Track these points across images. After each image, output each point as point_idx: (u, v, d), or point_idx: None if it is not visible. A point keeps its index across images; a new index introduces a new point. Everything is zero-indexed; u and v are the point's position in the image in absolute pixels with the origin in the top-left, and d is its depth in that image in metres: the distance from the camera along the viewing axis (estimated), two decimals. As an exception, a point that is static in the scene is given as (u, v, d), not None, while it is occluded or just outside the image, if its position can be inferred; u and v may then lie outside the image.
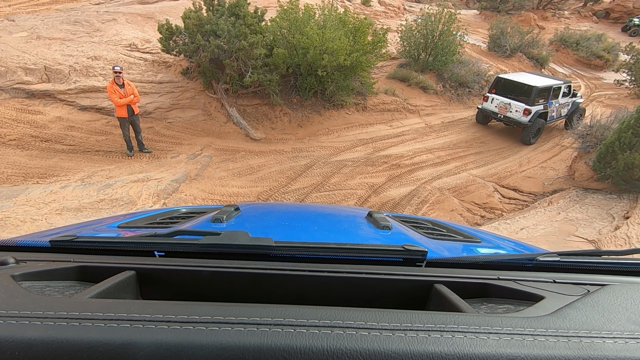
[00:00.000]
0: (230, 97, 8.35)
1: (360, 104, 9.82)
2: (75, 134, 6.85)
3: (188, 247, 0.83)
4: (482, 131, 10.47)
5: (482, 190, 7.63)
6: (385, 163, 8.13)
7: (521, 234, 5.55)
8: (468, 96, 11.98)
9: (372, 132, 9.31)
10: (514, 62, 16.13)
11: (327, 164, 7.72)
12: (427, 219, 1.78)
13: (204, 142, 7.58)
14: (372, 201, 6.92)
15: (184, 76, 8.54)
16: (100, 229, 1.28)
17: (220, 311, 0.51)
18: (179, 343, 0.44)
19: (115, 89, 5.95)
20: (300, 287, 0.73)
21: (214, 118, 8.22)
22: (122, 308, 0.51)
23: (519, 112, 9.50)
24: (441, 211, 6.88)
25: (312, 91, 8.97)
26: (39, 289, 0.63)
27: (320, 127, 8.93)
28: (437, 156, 8.81)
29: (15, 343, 0.43)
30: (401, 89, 11.04)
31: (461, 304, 0.62)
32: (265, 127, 8.47)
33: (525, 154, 9.47)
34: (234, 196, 6.41)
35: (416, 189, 7.45)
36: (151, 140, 7.27)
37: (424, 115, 10.70)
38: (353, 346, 0.45)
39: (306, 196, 6.70)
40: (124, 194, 5.19)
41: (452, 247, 1.23)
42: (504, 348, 0.45)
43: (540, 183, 7.93)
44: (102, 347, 0.43)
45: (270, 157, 7.66)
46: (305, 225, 1.42)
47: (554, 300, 0.63)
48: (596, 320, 0.53)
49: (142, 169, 6.30)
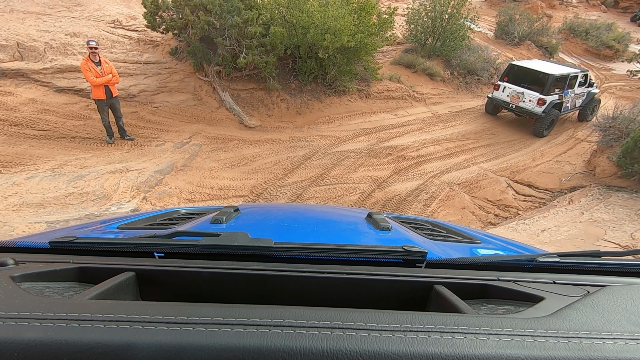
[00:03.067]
0: (223, 80, 7.66)
1: (363, 91, 9.15)
2: (50, 118, 6.17)
3: (188, 248, 0.82)
4: (492, 122, 9.86)
5: (495, 186, 7.06)
6: (390, 155, 7.53)
7: (543, 237, 5.00)
8: (477, 84, 11.33)
9: (375, 121, 8.68)
10: (522, 51, 15.44)
11: (328, 154, 7.11)
12: (427, 220, 1.77)
13: (193, 129, 6.93)
14: (376, 196, 6.33)
15: (172, 57, 7.82)
16: (100, 230, 1.27)
17: (219, 312, 0.51)
18: (178, 344, 0.44)
19: (90, 67, 5.26)
20: (300, 288, 0.72)
21: (205, 103, 7.54)
22: (122, 309, 0.50)
23: (533, 102, 8.89)
24: (451, 208, 6.32)
25: (312, 76, 8.29)
26: (39, 290, 0.63)
27: (320, 114, 8.28)
28: (445, 148, 8.22)
29: (14, 344, 0.43)
30: (407, 75, 10.37)
31: (461, 305, 0.62)
32: (260, 113, 7.81)
33: (538, 146, 8.90)
34: (224, 189, 5.80)
35: (424, 183, 6.87)
36: (134, 127, 6.60)
37: (431, 104, 10.05)
38: (353, 347, 0.44)
39: (304, 190, 6.10)
40: (97, 187, 4.56)
41: (451, 248, 1.22)
42: (504, 349, 0.45)
43: (557, 179, 7.37)
44: (101, 348, 0.43)
45: (266, 147, 7.02)
46: (305, 226, 1.40)
47: (554, 301, 0.63)
48: (596, 321, 0.53)
49: (122, 158, 5.65)
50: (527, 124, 9.70)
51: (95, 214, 4.05)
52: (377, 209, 6.11)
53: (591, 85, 10.02)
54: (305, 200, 5.92)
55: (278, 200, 5.82)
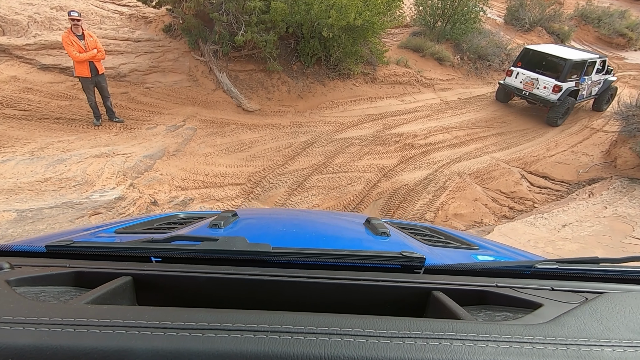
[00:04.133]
0: (220, 60, 7.17)
1: (369, 75, 8.66)
2: (33, 98, 5.73)
3: (185, 252, 0.82)
4: (503, 110, 9.39)
5: (508, 177, 6.65)
6: (396, 142, 7.09)
7: (564, 233, 4.61)
8: (487, 70, 10.82)
9: (381, 106, 8.21)
10: (532, 37, 14.82)
11: (331, 141, 6.67)
12: (425, 226, 1.76)
13: (188, 112, 6.47)
14: (383, 186, 5.92)
15: (166, 34, 7.32)
16: (97, 234, 1.25)
17: (217, 317, 0.50)
18: (175, 350, 0.44)
19: (72, 40, 4.79)
20: (298, 294, 0.72)
21: (201, 84, 7.07)
22: (118, 314, 0.50)
23: (548, 89, 8.40)
24: (463, 200, 5.91)
25: (315, 57, 7.79)
26: (34, 295, 0.62)
27: (323, 99, 7.81)
28: (455, 136, 7.77)
29: (8, 349, 0.43)
30: (414, 59, 9.85)
31: (459, 311, 0.62)
32: (260, 97, 7.34)
33: (552, 136, 8.45)
34: (220, 177, 5.39)
35: (433, 173, 6.45)
36: (124, 108, 6.16)
37: (439, 90, 9.57)
38: (350, 353, 0.44)
39: (306, 179, 5.69)
40: (78, 172, 4.15)
41: (450, 254, 1.21)
42: (502, 356, 0.45)
43: (574, 170, 6.95)
44: (97, 353, 0.43)
45: (265, 132, 6.58)
46: (303, 232, 1.39)
47: (552, 307, 0.62)
48: (594, 328, 0.53)
49: (109, 142, 5.22)
50: (540, 112, 9.24)
51: (74, 202, 3.64)
52: (383, 200, 5.72)
53: (609, 72, 9.51)
54: (306, 190, 5.52)
55: (277, 190, 5.42)
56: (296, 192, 5.45)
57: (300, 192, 5.47)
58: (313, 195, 5.47)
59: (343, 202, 5.50)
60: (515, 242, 4.48)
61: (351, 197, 5.60)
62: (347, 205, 5.46)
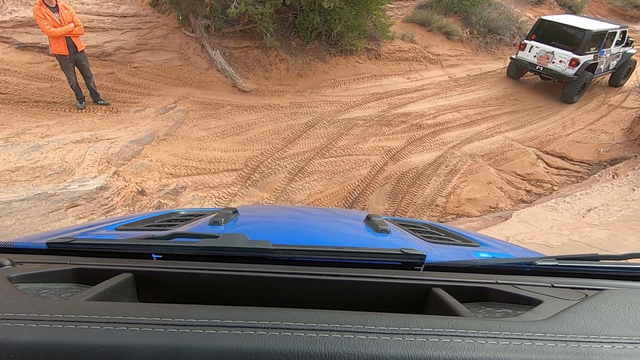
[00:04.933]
0: (213, 36, 6.66)
1: (372, 51, 8.12)
2: (10, 80, 5.28)
3: (186, 249, 0.81)
4: (515, 87, 8.87)
5: (523, 158, 6.22)
6: (403, 123, 6.64)
7: (590, 218, 4.22)
8: (498, 45, 10.22)
9: (386, 85, 7.71)
10: (543, 10, 14.08)
11: (333, 122, 6.23)
12: (425, 223, 1.74)
13: (179, 93, 6.02)
14: (390, 170, 5.52)
15: (153, 8, 6.79)
16: (98, 231, 1.26)
17: (217, 314, 0.50)
18: (175, 346, 0.43)
19: (45, 13, 4.31)
20: (298, 290, 0.72)
21: (193, 63, 6.59)
22: (119, 310, 0.50)
23: (564, 63, 7.87)
24: (476, 183, 5.51)
25: (315, 32, 7.25)
26: (35, 291, 0.62)
27: (324, 77, 7.32)
28: (465, 115, 7.31)
29: (10, 346, 0.43)
30: (421, 34, 9.27)
31: (459, 307, 0.61)
32: (257, 75, 6.86)
33: (568, 114, 7.96)
34: (215, 162, 5.00)
35: (443, 154, 6.03)
36: (110, 90, 5.71)
37: (447, 66, 9.02)
38: (350, 350, 0.44)
39: (307, 163, 5.29)
40: (55, 160, 3.75)
41: (450, 251, 1.22)
42: (501, 352, 0.45)
43: (593, 149, 6.51)
44: (98, 350, 0.43)
45: (263, 113, 6.14)
46: (304, 229, 1.39)
47: (552, 304, 0.62)
48: (594, 325, 0.53)
49: (92, 126, 4.81)
50: (554, 88, 8.72)
51: (49, 193, 3.27)
52: (390, 184, 5.32)
53: (629, 44, 8.92)
54: (308, 175, 5.13)
55: (277, 175, 5.02)
56: (297, 177, 5.06)
57: (301, 177, 5.08)
58: (315, 180, 5.08)
59: (347, 188, 5.11)
60: (537, 229, 4.10)
61: (356, 182, 5.21)
62: (351, 191, 5.07)
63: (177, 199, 4.35)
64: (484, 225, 4.43)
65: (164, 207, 4.12)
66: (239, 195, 4.70)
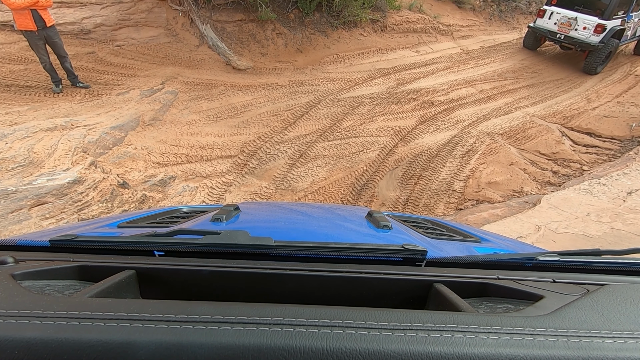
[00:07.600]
0: (203, 9, 6.06)
1: (378, 23, 7.46)
2: (-21, 62, 4.78)
3: (188, 246, 0.81)
4: (532, 58, 8.21)
5: (547, 135, 5.67)
6: (413, 100, 6.08)
7: (632, 202, 3.72)
8: (512, 13, 9.48)
9: (394, 59, 7.10)
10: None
11: (337, 101, 5.69)
12: (427, 219, 1.73)
13: (168, 73, 5.48)
14: (400, 152, 5.01)
15: (136, -20, 6.17)
16: (100, 229, 1.25)
17: (219, 310, 0.49)
18: (178, 342, 0.43)
19: (4, -18, 3.76)
20: (300, 287, 0.71)
21: (182, 40, 6.02)
22: (122, 307, 0.49)
23: (589, 30, 7.19)
24: (496, 165, 5.00)
25: (315, 2, 6.61)
26: (39, 288, 0.62)
27: (326, 52, 6.71)
28: (480, 90, 6.72)
29: (14, 342, 0.43)
30: (429, 3, 8.56)
31: (460, 303, 0.61)
32: (252, 52, 6.28)
33: (592, 85, 7.33)
34: (208, 148, 4.51)
35: (458, 134, 5.50)
36: (91, 71, 5.19)
37: (459, 37, 8.35)
38: (352, 346, 0.43)
39: (309, 147, 4.78)
40: (22, 151, 3.28)
41: (451, 247, 1.22)
42: (503, 347, 0.44)
43: (624, 124, 5.93)
44: (101, 346, 0.43)
45: (260, 93, 5.60)
46: (305, 225, 1.40)
47: (554, 299, 0.61)
48: (595, 320, 0.52)
49: (69, 111, 4.32)
50: (574, 59, 8.07)
51: (9, 190, 2.81)
52: (401, 169, 4.82)
53: (658, 7, 8.16)
54: (311, 160, 4.63)
55: (276, 161, 4.53)
56: (298, 163, 4.57)
57: (303, 163, 4.59)
58: (318, 166, 4.59)
59: (354, 173, 4.62)
60: (572, 216, 3.61)
61: (364, 167, 4.71)
62: (359, 177, 4.58)
63: (165, 191, 3.89)
64: (509, 213, 3.95)
65: (149, 201, 3.67)
66: (235, 185, 4.23)
